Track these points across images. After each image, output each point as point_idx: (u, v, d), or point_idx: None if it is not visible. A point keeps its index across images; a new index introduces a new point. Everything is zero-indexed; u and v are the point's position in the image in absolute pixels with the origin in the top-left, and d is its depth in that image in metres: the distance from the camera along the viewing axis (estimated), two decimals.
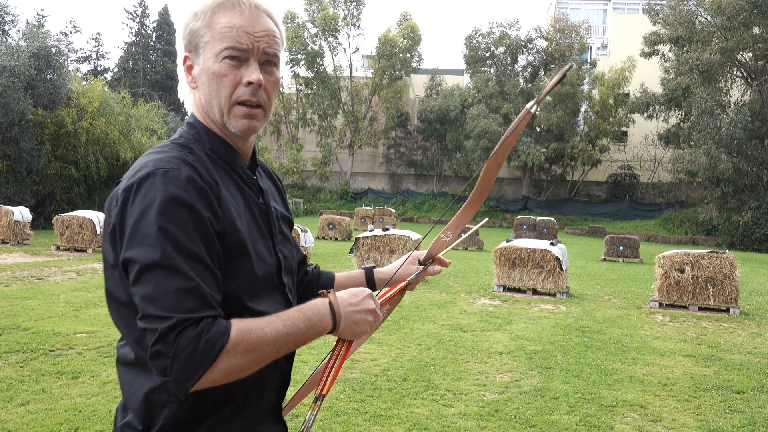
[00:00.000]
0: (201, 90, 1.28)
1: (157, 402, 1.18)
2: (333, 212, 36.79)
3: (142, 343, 1.16)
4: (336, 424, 4.36)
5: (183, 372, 1.07)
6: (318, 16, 43.38)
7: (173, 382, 1.08)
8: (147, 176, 1.14)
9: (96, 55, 47.71)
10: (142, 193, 1.13)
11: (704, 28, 30.94)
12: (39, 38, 22.69)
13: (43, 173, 23.09)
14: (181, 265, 1.10)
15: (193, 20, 1.27)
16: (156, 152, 1.23)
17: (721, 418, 4.86)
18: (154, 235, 1.10)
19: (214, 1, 1.26)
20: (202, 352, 1.07)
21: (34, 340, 6.31)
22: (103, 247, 1.23)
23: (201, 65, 1.26)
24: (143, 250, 1.10)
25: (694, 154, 29.01)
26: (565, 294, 10.97)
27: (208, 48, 1.25)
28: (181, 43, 1.30)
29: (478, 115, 38.49)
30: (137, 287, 1.10)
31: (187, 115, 17.43)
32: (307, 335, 1.21)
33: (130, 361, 1.23)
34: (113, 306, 1.24)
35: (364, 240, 12.51)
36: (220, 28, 1.24)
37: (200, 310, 1.10)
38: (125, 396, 1.25)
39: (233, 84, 1.25)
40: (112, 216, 1.16)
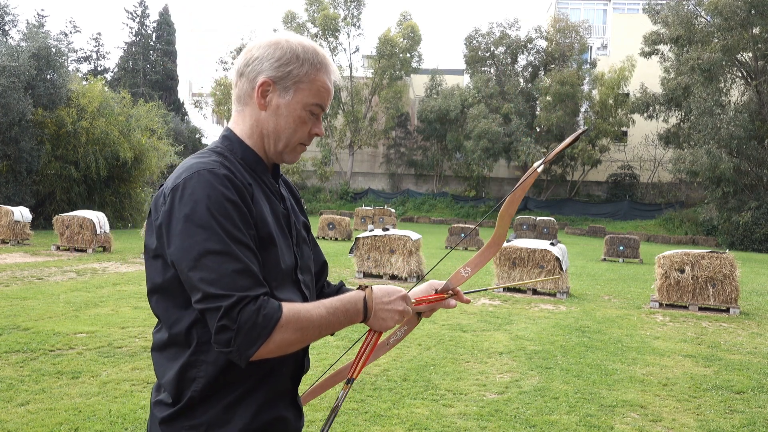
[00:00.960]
0: (272, 119, 1.45)
1: (187, 377, 1.34)
2: (333, 212, 36.79)
3: (184, 324, 1.34)
4: (336, 424, 4.36)
5: (245, 343, 1.23)
6: (318, 16, 43.39)
7: (236, 351, 1.24)
8: (192, 176, 1.31)
9: (96, 55, 47.69)
10: (189, 190, 1.29)
11: (704, 28, 30.95)
12: (39, 38, 22.70)
13: (43, 173, 23.09)
14: (234, 251, 1.26)
15: (295, 62, 1.43)
16: (196, 157, 1.40)
17: (721, 418, 4.86)
18: (207, 226, 1.26)
19: (320, 57, 1.46)
20: (261, 325, 1.24)
21: (34, 340, 6.31)
22: (147, 240, 1.39)
23: (285, 101, 1.44)
24: (198, 239, 1.25)
25: (695, 154, 29.01)
26: (565, 294, 10.98)
27: (301, 94, 1.44)
28: (263, 65, 1.43)
29: (478, 115, 38.49)
30: (194, 272, 1.25)
31: (186, 115, 17.56)
32: (344, 322, 1.39)
33: (165, 342, 1.38)
34: (154, 293, 1.39)
35: (364, 240, 12.51)
36: (319, 86, 1.45)
37: (254, 288, 1.26)
38: (159, 376, 1.41)
39: (307, 131, 1.48)
40: (161, 213, 1.32)
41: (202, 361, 1.34)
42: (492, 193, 43.99)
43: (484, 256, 1.69)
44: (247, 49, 1.47)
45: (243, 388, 1.36)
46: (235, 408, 1.35)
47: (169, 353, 1.38)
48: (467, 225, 23.37)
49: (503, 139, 38.22)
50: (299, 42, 1.45)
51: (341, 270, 13.55)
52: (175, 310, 1.36)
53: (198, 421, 1.34)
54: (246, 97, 1.46)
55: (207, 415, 1.34)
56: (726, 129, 28.20)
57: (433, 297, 1.65)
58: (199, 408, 1.34)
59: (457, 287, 1.68)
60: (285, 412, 1.44)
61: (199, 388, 1.33)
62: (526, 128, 39.39)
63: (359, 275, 12.37)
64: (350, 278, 12.25)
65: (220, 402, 1.35)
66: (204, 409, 1.34)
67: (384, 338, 1.66)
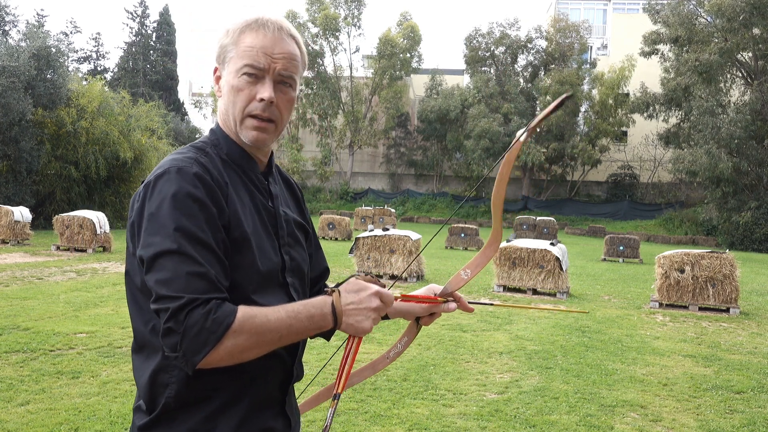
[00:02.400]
0: (222, 100, 1.41)
1: (160, 382, 1.28)
2: (333, 212, 36.79)
3: (150, 326, 1.29)
4: (336, 424, 4.36)
5: (191, 347, 1.17)
6: (319, 16, 43.40)
7: (182, 357, 1.18)
8: (163, 173, 1.27)
9: (96, 55, 47.72)
10: (158, 188, 1.25)
11: (704, 29, 30.95)
12: (39, 38, 22.70)
13: (43, 173, 23.09)
14: (192, 252, 1.20)
15: (224, 36, 1.39)
16: (175, 154, 1.36)
17: (721, 418, 4.86)
18: (167, 226, 1.21)
19: (244, 21, 1.39)
20: (209, 330, 1.16)
21: (34, 340, 6.31)
22: (127, 237, 1.35)
23: (225, 79, 1.39)
24: (158, 239, 1.21)
25: (695, 154, 29.01)
26: (565, 294, 10.97)
27: (231, 63, 1.37)
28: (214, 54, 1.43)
29: (478, 115, 38.49)
30: (151, 273, 1.20)
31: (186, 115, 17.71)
32: (309, 329, 1.29)
33: (139, 345, 1.34)
34: (130, 289, 1.35)
35: (364, 240, 12.51)
36: (244, 47, 1.36)
37: (208, 292, 1.19)
38: (136, 381, 1.35)
39: (248, 98, 1.36)
40: (134, 210, 1.29)
41: (174, 366, 1.26)
42: (492, 193, 43.94)
43: (484, 256, 1.61)
44: None
45: (225, 397, 1.29)
46: (217, 418, 1.29)
47: (143, 355, 1.32)
48: (467, 225, 23.36)
49: (503, 139, 38.23)
50: (238, 19, 1.40)
51: (341, 270, 13.55)
52: (149, 311, 1.28)
53: (176, 431, 1.28)
54: (215, 93, 1.46)
55: (186, 425, 1.27)
56: (726, 129, 28.20)
57: (423, 296, 1.55)
58: (177, 417, 1.28)
59: (457, 292, 1.57)
60: (273, 423, 1.38)
61: (173, 395, 1.27)
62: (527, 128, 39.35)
63: (359, 275, 12.36)
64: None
65: (200, 412, 1.28)
66: (183, 418, 1.28)
67: (384, 352, 1.62)
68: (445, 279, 12.55)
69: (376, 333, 7.30)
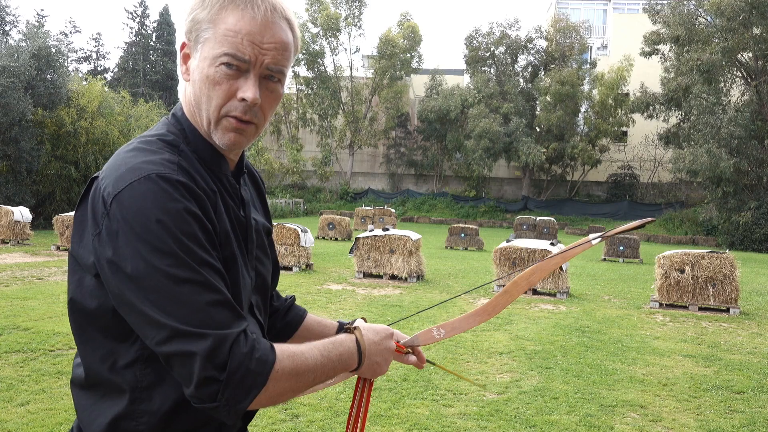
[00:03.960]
0: (192, 86, 1.13)
1: (123, 430, 1.07)
2: (333, 212, 36.79)
3: (111, 363, 1.07)
4: (336, 424, 4.37)
5: (237, 395, 0.98)
6: (320, 15, 43.40)
7: (224, 407, 0.98)
8: (140, 181, 1.01)
9: (96, 55, 47.73)
10: (138, 202, 0.99)
11: (704, 29, 30.96)
12: (39, 38, 22.70)
13: (43, 173, 23.10)
14: (205, 277, 0.99)
15: (199, 7, 1.10)
16: (143, 150, 1.08)
17: (721, 418, 4.86)
18: (167, 249, 0.97)
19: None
20: (256, 372, 0.99)
21: (34, 340, 6.31)
22: (76, 250, 1.08)
23: (196, 61, 1.11)
24: (157, 266, 0.97)
25: (695, 154, 29.01)
26: (565, 294, 10.97)
27: (207, 46, 1.09)
28: (182, 26, 1.14)
29: (479, 115, 38.49)
30: (152, 307, 0.97)
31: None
32: (337, 369, 1.15)
33: (90, 382, 1.11)
34: (77, 320, 1.11)
35: (364, 240, 12.51)
36: (224, 29, 1.07)
37: (233, 324, 0.99)
38: (83, 423, 1.12)
39: (226, 95, 1.10)
40: (101, 222, 1.01)
41: (143, 412, 1.06)
42: (492, 193, 43.99)
43: (466, 322, 1.46)
44: None
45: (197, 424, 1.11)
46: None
47: (96, 394, 1.10)
48: (467, 225, 23.34)
49: (503, 139, 38.23)
50: None
51: (341, 270, 13.55)
52: (108, 342, 1.07)
53: None
54: (181, 73, 1.17)
55: None
56: (726, 129, 28.20)
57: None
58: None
59: (418, 346, 1.43)
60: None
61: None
62: (526, 128, 39.38)
63: (359, 275, 12.37)
64: (350, 278, 12.25)
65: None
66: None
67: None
68: (445, 279, 12.54)
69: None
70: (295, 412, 4.57)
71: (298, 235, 13.09)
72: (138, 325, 1.01)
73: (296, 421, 4.41)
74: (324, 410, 4.61)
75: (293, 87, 46.27)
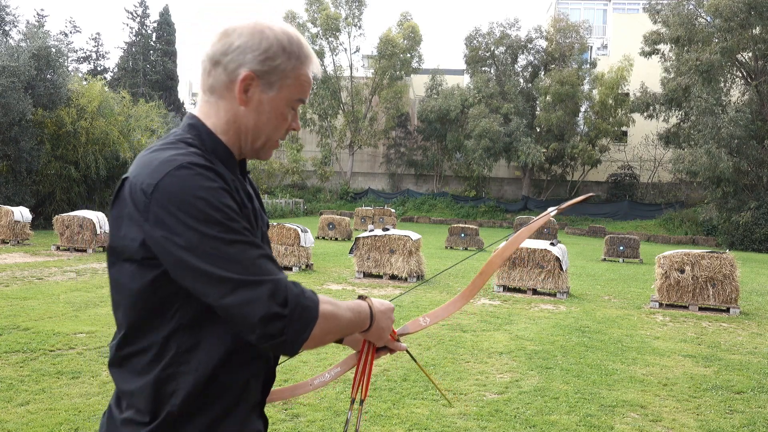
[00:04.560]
0: (252, 116, 1.32)
1: (165, 392, 1.22)
2: (333, 212, 36.78)
3: (174, 327, 1.22)
4: (336, 424, 4.37)
5: (298, 329, 1.15)
6: (319, 16, 43.40)
7: (289, 340, 1.15)
8: (178, 169, 1.17)
9: (96, 55, 47.71)
10: (179, 185, 1.15)
11: (704, 29, 30.96)
12: (39, 38, 22.70)
13: (43, 173, 23.09)
14: (250, 238, 1.18)
15: (281, 55, 1.30)
16: (169, 148, 1.24)
17: (721, 418, 4.86)
18: (213, 219, 1.14)
19: (305, 49, 1.34)
20: (310, 308, 1.17)
21: (34, 340, 6.31)
22: (114, 242, 1.24)
23: (269, 97, 1.31)
24: (210, 234, 1.13)
25: (695, 154, 29.02)
26: (565, 294, 10.97)
27: (286, 90, 1.32)
28: (246, 56, 1.28)
29: (479, 115, 38.49)
30: (213, 266, 1.13)
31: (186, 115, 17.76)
32: (354, 326, 1.34)
33: (132, 353, 1.26)
34: (126, 300, 1.25)
35: (364, 240, 12.51)
36: (303, 80, 1.34)
37: (280, 273, 1.18)
38: (126, 393, 1.26)
39: (287, 128, 1.37)
40: (145, 211, 1.16)
41: (181, 373, 1.22)
42: (492, 193, 44.00)
43: (447, 311, 1.66)
44: (224, 33, 1.31)
45: (224, 403, 1.26)
46: (219, 425, 1.25)
47: (137, 366, 1.25)
48: (467, 225, 23.35)
49: (503, 139, 38.23)
50: (284, 31, 1.31)
51: (341, 270, 13.55)
52: (150, 317, 1.23)
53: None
54: (222, 90, 1.31)
55: (191, 430, 1.23)
56: (726, 129, 28.21)
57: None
58: (180, 427, 1.23)
59: (408, 333, 1.62)
60: (257, 425, 1.36)
61: (178, 402, 1.21)
62: (527, 128, 39.38)
63: (359, 275, 12.37)
64: (350, 278, 12.25)
65: (203, 418, 1.24)
66: (186, 427, 1.23)
67: (308, 379, 1.66)
68: (445, 279, 12.54)
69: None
70: (295, 412, 4.57)
71: (298, 235, 13.10)
72: (201, 288, 1.15)
73: (296, 421, 4.41)
74: (324, 410, 4.61)
75: None
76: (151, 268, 1.20)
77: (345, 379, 5.43)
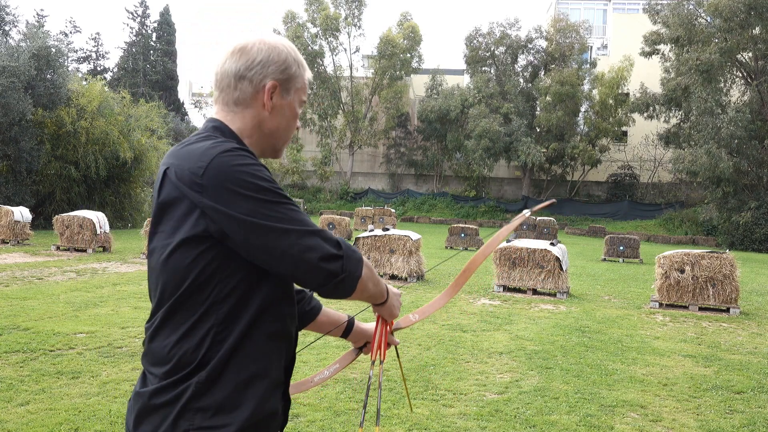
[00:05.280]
0: (275, 119, 1.50)
1: (196, 362, 1.33)
2: (333, 212, 36.78)
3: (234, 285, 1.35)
4: (336, 424, 4.36)
5: (354, 266, 1.37)
6: (319, 16, 43.39)
7: (348, 277, 1.36)
8: (222, 153, 1.32)
9: (96, 55, 47.73)
10: (227, 166, 1.30)
11: (704, 29, 30.96)
12: (39, 38, 22.70)
13: (43, 173, 23.09)
14: (293, 201, 1.37)
15: (293, 64, 1.50)
16: (207, 139, 1.39)
17: (721, 418, 4.86)
18: (262, 188, 1.31)
19: (299, 58, 1.54)
20: (356, 251, 1.39)
21: (34, 340, 6.31)
22: (166, 224, 1.35)
23: (287, 102, 1.51)
24: (261, 197, 1.30)
25: (695, 154, 29.02)
26: (565, 294, 10.97)
27: (298, 93, 1.53)
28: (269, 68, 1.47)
29: (479, 115, 38.48)
30: (273, 224, 1.30)
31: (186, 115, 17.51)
32: (379, 290, 1.53)
33: (173, 325, 1.36)
34: (173, 274, 1.35)
35: (364, 240, 12.51)
36: (305, 82, 1.55)
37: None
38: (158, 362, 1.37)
39: (295, 127, 1.58)
40: (198, 193, 1.30)
41: (215, 342, 1.34)
42: (492, 193, 43.99)
43: (433, 307, 1.84)
44: (241, 51, 1.47)
45: (253, 369, 1.36)
46: (246, 391, 1.35)
47: (170, 338, 1.36)
48: (467, 225, 23.36)
49: (504, 139, 38.23)
50: (289, 44, 1.53)
51: None
52: (191, 293, 1.35)
53: (207, 402, 1.32)
54: (249, 100, 1.47)
55: (216, 396, 1.33)
56: (726, 129, 28.21)
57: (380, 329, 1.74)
58: (212, 386, 1.33)
59: (401, 328, 1.80)
60: (278, 405, 1.45)
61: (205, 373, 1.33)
62: (527, 128, 39.39)
63: None
64: None
65: (232, 380, 1.34)
66: (214, 390, 1.33)
67: (309, 377, 1.79)
68: (444, 280, 12.54)
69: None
70: (295, 412, 4.57)
71: None
72: (267, 245, 1.30)
73: (296, 421, 4.41)
74: (324, 410, 4.61)
75: None
76: (197, 244, 1.33)
77: (345, 379, 5.43)
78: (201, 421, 1.31)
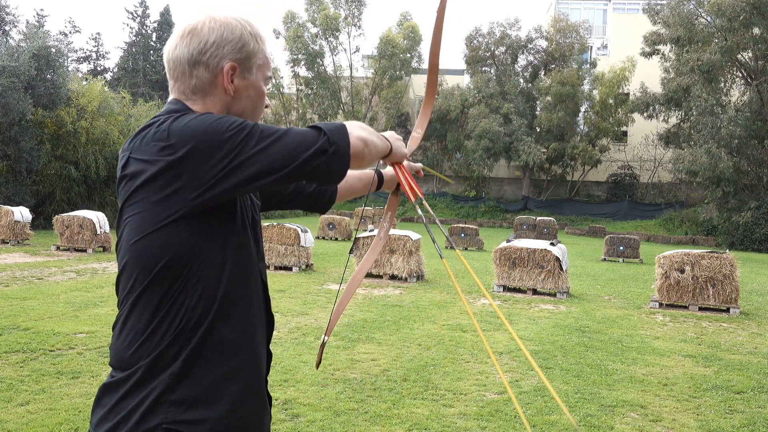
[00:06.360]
0: (240, 101, 1.41)
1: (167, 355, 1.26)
2: (333, 212, 36.74)
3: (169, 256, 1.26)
4: (336, 424, 4.36)
5: (338, 135, 1.29)
6: (319, 16, 43.39)
7: (340, 148, 1.29)
8: (183, 115, 1.27)
9: (96, 55, 47.71)
10: (194, 119, 1.25)
11: (704, 29, 30.95)
12: (39, 38, 22.69)
13: (43, 173, 23.08)
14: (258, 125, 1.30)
15: (249, 39, 1.40)
16: (163, 117, 1.31)
17: (721, 418, 4.86)
18: (236, 124, 1.24)
19: (260, 31, 1.45)
20: (334, 123, 1.33)
21: (34, 340, 6.31)
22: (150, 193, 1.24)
23: (251, 81, 1.41)
24: (240, 135, 1.23)
25: (695, 154, 29.01)
26: (565, 294, 10.97)
27: (260, 70, 1.42)
28: (224, 49, 1.37)
29: (479, 115, 38.47)
30: (257, 143, 1.23)
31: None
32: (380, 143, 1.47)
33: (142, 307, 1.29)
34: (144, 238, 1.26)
35: (364, 240, 12.51)
36: (266, 56, 1.45)
37: None
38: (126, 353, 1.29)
39: (264, 104, 1.48)
40: (168, 148, 1.22)
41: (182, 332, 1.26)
42: (492, 193, 43.98)
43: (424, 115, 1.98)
44: (190, 33, 1.35)
45: (231, 363, 1.30)
46: (225, 384, 1.29)
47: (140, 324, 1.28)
48: (467, 225, 23.34)
49: (504, 139, 38.22)
50: (243, 18, 1.42)
51: (341, 270, 13.54)
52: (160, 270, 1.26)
53: (181, 395, 1.25)
54: (208, 87, 1.36)
55: (192, 389, 1.25)
56: (726, 129, 28.20)
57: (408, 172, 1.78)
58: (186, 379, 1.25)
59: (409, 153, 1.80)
60: (262, 408, 1.42)
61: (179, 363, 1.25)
62: (527, 128, 39.38)
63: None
64: (350, 278, 12.23)
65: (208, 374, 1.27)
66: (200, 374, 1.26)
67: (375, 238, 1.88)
68: (445, 280, 12.54)
69: (376, 333, 7.30)
70: (295, 412, 4.57)
71: (298, 235, 13.09)
72: (263, 161, 1.24)
73: (296, 421, 4.41)
74: (324, 410, 4.61)
75: (293, 87, 46.27)
76: (164, 208, 1.23)
77: (345, 379, 5.43)
78: (175, 415, 1.24)
